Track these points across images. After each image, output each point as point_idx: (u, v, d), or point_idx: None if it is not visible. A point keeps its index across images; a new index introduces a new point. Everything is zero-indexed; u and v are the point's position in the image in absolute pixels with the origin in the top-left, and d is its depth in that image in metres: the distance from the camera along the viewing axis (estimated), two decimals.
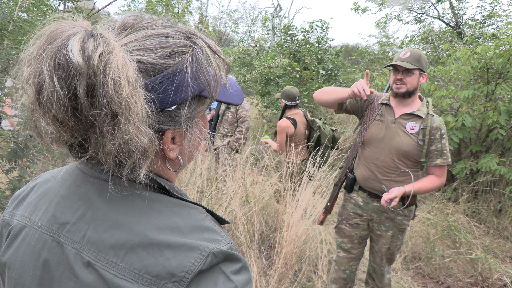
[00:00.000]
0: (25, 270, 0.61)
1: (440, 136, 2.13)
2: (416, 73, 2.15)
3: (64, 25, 0.52)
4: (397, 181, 2.22)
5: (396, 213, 2.27)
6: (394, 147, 2.19)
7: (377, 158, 2.26)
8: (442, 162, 2.14)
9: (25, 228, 0.63)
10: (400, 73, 2.17)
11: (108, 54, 0.48)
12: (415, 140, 2.15)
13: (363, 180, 2.34)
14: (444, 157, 2.14)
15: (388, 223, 2.31)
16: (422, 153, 2.16)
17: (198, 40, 0.59)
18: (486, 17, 8.85)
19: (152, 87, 0.54)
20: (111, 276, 0.53)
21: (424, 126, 2.14)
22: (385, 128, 2.24)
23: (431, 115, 2.16)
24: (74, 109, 0.50)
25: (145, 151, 0.54)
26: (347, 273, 2.51)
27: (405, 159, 2.19)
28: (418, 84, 2.18)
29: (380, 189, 2.28)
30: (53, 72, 0.48)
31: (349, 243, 2.46)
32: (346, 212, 2.47)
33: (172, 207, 0.60)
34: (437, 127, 2.13)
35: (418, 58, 2.15)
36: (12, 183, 2.17)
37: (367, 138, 2.31)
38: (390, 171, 2.22)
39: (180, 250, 0.54)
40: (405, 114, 2.20)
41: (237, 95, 0.74)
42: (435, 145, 2.14)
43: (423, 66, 2.17)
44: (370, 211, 2.36)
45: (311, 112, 7.29)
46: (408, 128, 2.17)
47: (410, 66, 2.12)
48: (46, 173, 0.71)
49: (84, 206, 0.59)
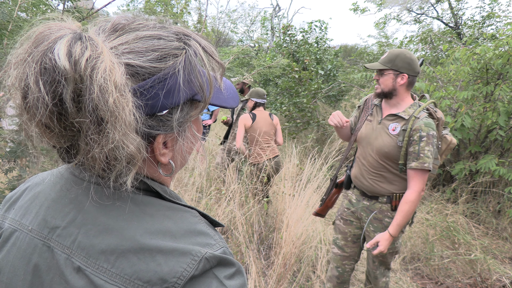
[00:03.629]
0: (15, 274, 0.59)
1: (418, 138, 2.04)
2: (389, 73, 2.12)
3: (52, 27, 0.51)
4: (382, 181, 2.22)
5: (384, 214, 2.26)
6: (377, 147, 2.19)
7: (364, 157, 2.28)
8: (417, 166, 2.04)
9: (16, 232, 0.62)
10: (377, 74, 2.19)
11: (96, 58, 0.47)
12: (395, 141, 2.13)
13: (355, 178, 2.38)
14: (420, 160, 2.03)
15: (376, 224, 2.29)
16: (400, 155, 2.12)
17: (191, 42, 0.58)
18: (485, 18, 8.86)
19: (142, 91, 0.52)
20: (102, 281, 0.52)
21: (406, 127, 2.10)
22: (372, 128, 2.26)
23: (416, 117, 2.09)
24: (59, 115, 0.49)
25: (132, 158, 0.52)
26: (339, 271, 2.50)
27: (387, 160, 2.18)
28: (394, 85, 2.14)
29: (367, 188, 2.29)
30: (38, 77, 0.47)
31: (343, 240, 2.47)
32: (341, 208, 2.50)
33: (165, 210, 0.58)
34: (416, 128, 2.05)
35: (392, 58, 2.11)
36: (12, 183, 2.17)
37: (358, 137, 2.34)
38: (375, 171, 2.23)
39: (172, 255, 0.53)
40: (390, 115, 2.20)
41: (232, 98, 0.72)
42: (413, 147, 2.06)
43: (399, 66, 2.10)
44: (360, 209, 2.37)
45: (309, 113, 7.30)
46: (390, 129, 2.16)
47: (380, 66, 2.12)
48: (37, 176, 0.70)
49: (74, 210, 0.58)
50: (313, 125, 7.31)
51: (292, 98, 7.38)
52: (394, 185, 2.21)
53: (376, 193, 2.26)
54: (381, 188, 2.23)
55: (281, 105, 7.63)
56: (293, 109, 7.32)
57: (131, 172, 0.55)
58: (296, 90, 7.34)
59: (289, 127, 7.36)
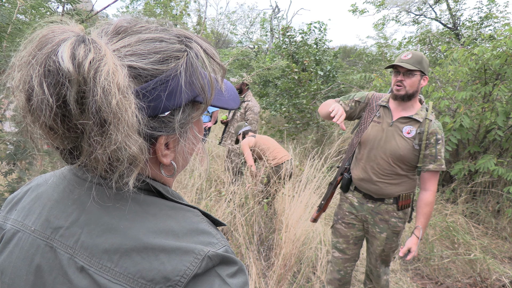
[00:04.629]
0: (18, 275, 0.60)
1: (435, 141, 2.09)
2: (417, 75, 2.12)
3: (55, 30, 0.51)
4: (392, 184, 2.22)
5: (390, 215, 2.26)
6: (390, 150, 2.17)
7: (373, 160, 2.24)
8: (435, 168, 2.10)
9: (18, 233, 0.62)
10: (400, 75, 2.13)
11: (99, 60, 0.47)
12: (411, 144, 2.13)
13: (359, 180, 2.33)
14: (438, 162, 2.10)
15: (382, 225, 2.30)
16: (417, 158, 2.14)
17: (193, 44, 0.58)
18: (483, 18, 8.88)
19: (144, 93, 0.53)
20: (105, 281, 0.53)
21: (421, 130, 2.11)
22: (382, 131, 2.22)
23: (429, 120, 2.12)
24: (63, 117, 0.49)
25: (135, 159, 0.53)
26: (341, 274, 2.50)
27: (400, 163, 2.17)
28: (418, 87, 2.14)
29: (375, 191, 2.26)
30: (42, 79, 0.48)
31: (345, 243, 2.45)
32: (341, 212, 2.46)
33: (167, 210, 0.59)
34: (432, 131, 2.09)
35: (419, 60, 2.11)
36: (11, 185, 2.17)
37: (364, 139, 2.29)
38: (385, 174, 2.21)
39: (175, 254, 0.53)
40: (403, 118, 2.18)
41: (233, 100, 0.73)
42: (429, 150, 2.10)
43: (425, 69, 2.13)
44: (364, 212, 2.35)
45: (309, 113, 7.30)
46: (405, 132, 2.15)
47: (411, 67, 2.08)
48: (40, 177, 0.70)
49: (77, 211, 0.58)
50: (313, 126, 7.32)
51: (291, 99, 7.38)
52: (402, 186, 2.22)
53: (383, 195, 2.25)
54: (389, 190, 2.22)
55: (280, 106, 7.64)
56: (292, 110, 7.33)
57: (134, 173, 0.55)
58: (295, 91, 7.35)
59: (289, 128, 7.36)
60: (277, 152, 3.88)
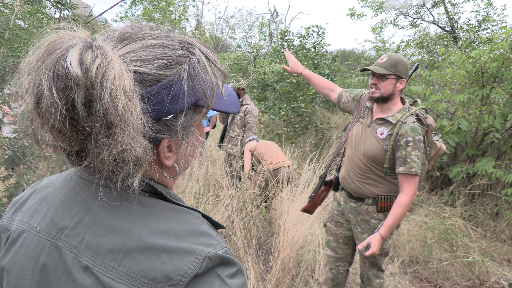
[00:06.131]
0: (23, 274, 0.61)
1: (405, 143, 2.07)
2: (391, 78, 2.14)
3: (63, 36, 0.53)
4: (369, 184, 2.24)
5: (371, 216, 2.28)
6: (364, 150, 2.22)
7: (352, 159, 2.30)
8: (404, 170, 2.07)
9: (24, 233, 0.64)
10: (375, 78, 2.17)
11: (106, 66, 0.50)
12: (382, 146, 2.16)
13: (342, 179, 2.39)
14: (407, 165, 2.06)
15: (363, 225, 2.31)
16: (385, 159, 2.15)
17: (195, 50, 0.60)
18: (481, 22, 8.91)
19: (149, 97, 0.55)
20: (109, 280, 0.54)
21: (392, 132, 2.13)
22: (361, 131, 2.28)
23: (403, 122, 2.12)
24: (71, 119, 0.51)
25: (139, 160, 0.55)
26: (333, 273, 2.52)
27: (373, 163, 2.20)
28: (394, 90, 2.16)
29: (354, 190, 2.30)
30: (52, 83, 0.50)
31: (335, 242, 2.49)
32: (331, 210, 2.52)
33: (169, 212, 0.61)
34: (402, 133, 2.08)
35: (394, 64, 2.13)
36: (9, 190, 2.18)
37: (349, 138, 2.36)
38: (362, 173, 2.25)
39: (177, 254, 0.55)
40: (379, 119, 2.22)
41: (233, 104, 0.75)
42: (400, 152, 2.10)
43: (400, 72, 2.14)
44: (347, 211, 2.38)
45: (307, 117, 7.31)
46: (378, 133, 2.18)
47: (384, 71, 2.11)
48: (45, 179, 0.72)
49: (82, 211, 0.60)
50: (311, 129, 7.33)
51: (290, 103, 7.40)
52: (380, 188, 2.23)
53: (362, 195, 2.28)
54: (367, 190, 2.25)
55: (279, 110, 7.65)
56: (291, 114, 7.34)
57: (138, 174, 0.57)
58: (294, 95, 7.36)
59: (288, 131, 7.37)
60: (274, 157, 3.91)
